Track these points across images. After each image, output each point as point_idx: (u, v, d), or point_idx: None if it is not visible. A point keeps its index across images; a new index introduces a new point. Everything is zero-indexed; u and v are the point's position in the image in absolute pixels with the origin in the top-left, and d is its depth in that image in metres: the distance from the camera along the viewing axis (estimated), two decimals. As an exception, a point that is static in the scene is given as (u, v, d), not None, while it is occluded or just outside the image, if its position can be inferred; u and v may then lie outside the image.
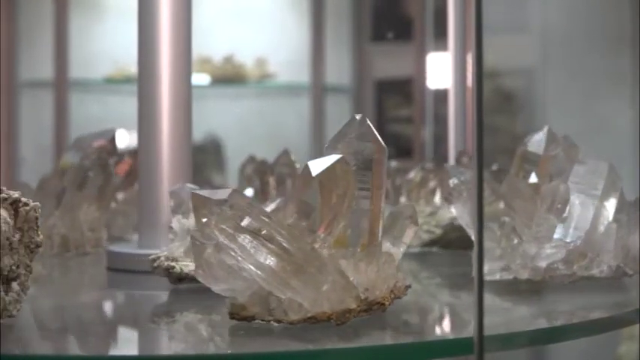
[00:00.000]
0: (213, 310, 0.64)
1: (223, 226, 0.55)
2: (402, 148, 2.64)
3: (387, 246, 0.60)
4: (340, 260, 0.56)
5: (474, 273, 0.51)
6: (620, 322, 0.65)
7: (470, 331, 0.60)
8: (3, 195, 0.58)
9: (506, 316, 0.67)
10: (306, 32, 2.63)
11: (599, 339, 0.70)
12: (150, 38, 0.87)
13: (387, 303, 0.58)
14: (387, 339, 0.56)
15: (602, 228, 0.74)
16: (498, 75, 2.32)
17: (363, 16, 2.74)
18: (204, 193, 0.56)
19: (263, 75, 2.61)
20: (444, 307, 0.65)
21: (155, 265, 0.74)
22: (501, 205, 0.79)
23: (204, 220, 0.55)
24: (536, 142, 0.79)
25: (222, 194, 0.55)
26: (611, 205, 0.75)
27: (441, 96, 1.71)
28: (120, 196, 1.16)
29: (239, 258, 0.54)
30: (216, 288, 0.56)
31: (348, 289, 0.56)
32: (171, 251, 0.75)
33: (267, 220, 0.55)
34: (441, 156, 1.91)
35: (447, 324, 0.64)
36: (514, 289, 0.75)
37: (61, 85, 2.40)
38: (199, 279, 0.57)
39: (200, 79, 2.49)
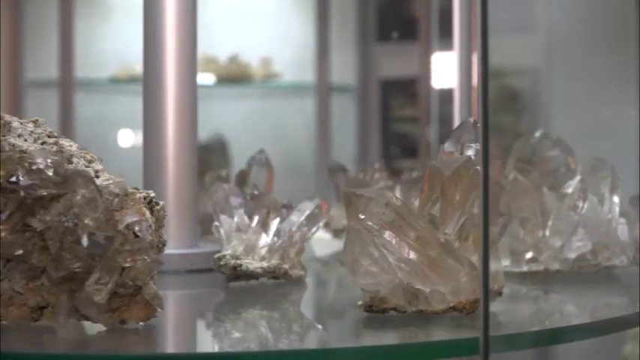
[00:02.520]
0: (275, 307, 0.68)
1: (370, 223, 0.58)
2: (407, 148, 2.63)
3: None
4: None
5: (480, 273, 0.51)
6: (622, 324, 0.66)
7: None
8: (143, 194, 0.58)
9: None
10: (311, 32, 2.63)
11: (605, 339, 0.70)
12: (155, 38, 0.88)
13: (502, 292, 0.63)
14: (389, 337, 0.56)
15: (614, 222, 0.82)
16: (504, 75, 2.32)
17: (368, 16, 2.74)
18: (359, 191, 0.60)
19: (268, 75, 2.61)
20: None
21: (222, 263, 0.77)
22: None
23: (362, 216, 0.59)
24: (534, 143, 0.83)
25: (372, 192, 0.60)
26: (617, 202, 0.82)
27: (447, 96, 1.71)
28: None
29: (384, 252, 0.58)
30: (362, 282, 0.60)
31: (478, 280, 0.59)
32: (234, 250, 0.77)
33: (410, 215, 0.59)
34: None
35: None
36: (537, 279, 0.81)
37: (67, 84, 2.40)
38: (350, 273, 0.60)
39: (205, 78, 2.49)
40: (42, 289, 0.55)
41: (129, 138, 2.54)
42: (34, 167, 0.54)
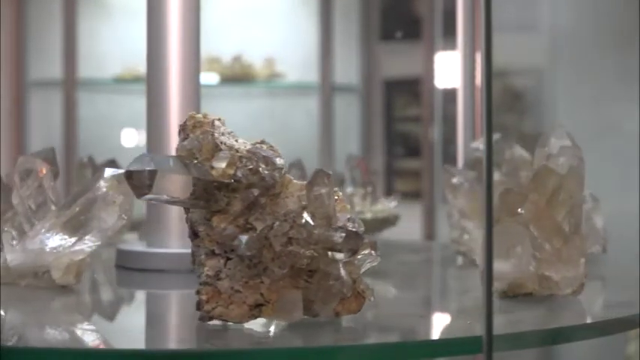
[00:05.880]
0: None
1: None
2: (411, 148, 2.64)
3: None
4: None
5: (483, 271, 0.51)
6: (625, 325, 0.66)
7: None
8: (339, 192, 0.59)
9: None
10: (314, 32, 2.63)
11: (608, 338, 0.71)
12: (158, 38, 0.88)
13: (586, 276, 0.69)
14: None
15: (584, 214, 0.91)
16: (507, 74, 2.32)
17: (371, 16, 2.74)
18: (515, 189, 0.67)
19: (272, 74, 2.61)
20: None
21: None
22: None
23: (521, 211, 0.65)
24: (496, 145, 0.88)
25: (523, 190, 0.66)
26: None
27: (450, 95, 1.71)
28: None
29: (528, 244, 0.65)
30: (509, 271, 0.65)
31: (583, 269, 0.67)
32: None
33: (545, 210, 0.65)
34: (449, 156, 1.91)
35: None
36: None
37: (70, 84, 2.41)
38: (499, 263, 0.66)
39: (209, 78, 2.49)
40: (261, 286, 0.55)
41: (132, 138, 2.55)
42: (267, 166, 0.55)
